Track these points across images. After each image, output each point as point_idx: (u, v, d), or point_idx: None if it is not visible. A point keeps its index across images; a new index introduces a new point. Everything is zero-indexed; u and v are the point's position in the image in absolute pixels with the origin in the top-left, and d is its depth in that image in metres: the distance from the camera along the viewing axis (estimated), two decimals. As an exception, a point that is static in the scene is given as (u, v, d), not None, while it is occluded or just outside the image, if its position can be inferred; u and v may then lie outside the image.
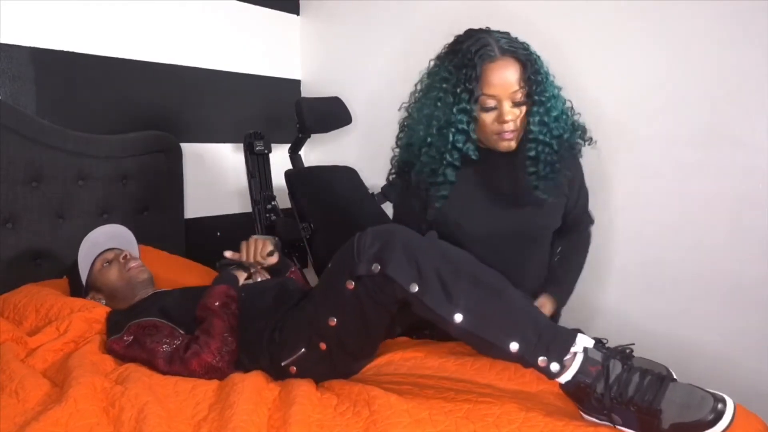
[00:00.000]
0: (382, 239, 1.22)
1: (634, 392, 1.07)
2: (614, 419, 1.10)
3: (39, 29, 1.91)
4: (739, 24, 1.82)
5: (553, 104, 1.48)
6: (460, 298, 1.17)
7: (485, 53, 1.42)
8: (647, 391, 1.07)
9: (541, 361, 1.13)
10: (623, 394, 1.08)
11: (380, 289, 1.22)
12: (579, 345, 1.14)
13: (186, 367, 1.36)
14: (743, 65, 1.82)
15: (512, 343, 1.15)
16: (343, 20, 2.70)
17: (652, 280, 2.01)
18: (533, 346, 1.14)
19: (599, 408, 1.10)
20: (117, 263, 1.69)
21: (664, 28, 1.93)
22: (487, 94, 1.42)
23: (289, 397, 1.21)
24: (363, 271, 1.21)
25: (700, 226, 1.92)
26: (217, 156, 2.49)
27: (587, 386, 1.11)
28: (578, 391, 1.13)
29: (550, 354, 1.13)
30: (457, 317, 1.16)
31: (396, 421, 1.11)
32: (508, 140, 1.47)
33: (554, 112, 1.48)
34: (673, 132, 1.94)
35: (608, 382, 1.09)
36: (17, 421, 1.11)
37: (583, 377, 1.12)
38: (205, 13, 2.40)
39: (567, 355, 1.13)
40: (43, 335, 1.46)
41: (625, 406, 1.07)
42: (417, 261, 1.19)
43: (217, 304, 1.46)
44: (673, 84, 1.93)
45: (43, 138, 1.86)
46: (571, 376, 1.12)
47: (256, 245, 1.65)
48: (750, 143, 1.83)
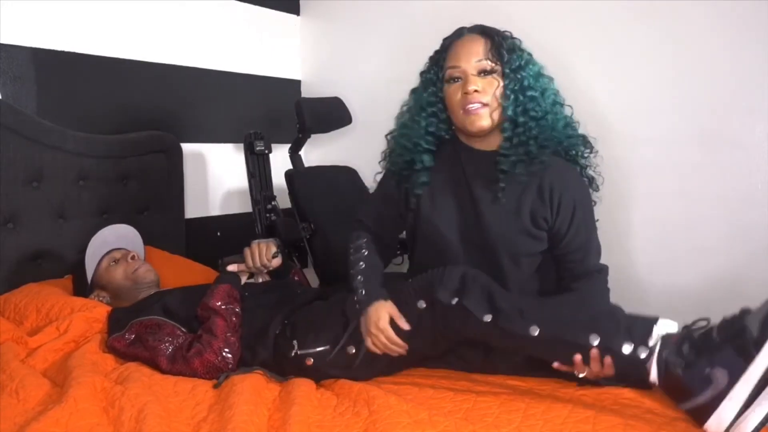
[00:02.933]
0: (465, 278, 1.30)
1: (717, 334, 1.10)
2: (717, 376, 1.07)
3: (39, 29, 1.91)
4: (739, 24, 1.82)
5: (529, 82, 1.39)
6: (531, 314, 1.23)
7: (455, 34, 1.46)
8: (727, 327, 1.10)
9: (627, 348, 1.14)
10: (711, 338, 1.09)
11: (448, 317, 1.29)
12: (661, 327, 1.15)
13: (189, 366, 1.36)
14: (743, 65, 1.82)
15: (591, 335, 1.16)
16: (343, 20, 2.70)
17: (652, 280, 2.01)
18: (614, 335, 1.15)
19: (696, 376, 1.08)
20: (124, 262, 1.70)
21: (664, 29, 1.93)
22: (452, 66, 1.41)
23: (289, 397, 1.21)
24: (443, 299, 1.28)
25: (700, 226, 1.92)
26: (217, 156, 2.49)
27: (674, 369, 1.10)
28: (670, 380, 1.11)
29: (634, 338, 1.14)
30: (533, 330, 1.20)
31: (395, 421, 1.11)
32: (477, 115, 1.37)
33: (530, 91, 1.38)
34: (673, 132, 1.94)
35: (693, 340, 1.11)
36: (17, 421, 1.11)
37: (672, 354, 1.11)
38: (205, 13, 2.40)
39: (651, 339, 1.13)
40: (43, 335, 1.47)
41: (717, 349, 1.08)
42: (491, 298, 1.27)
43: (220, 303, 1.47)
44: (673, 84, 1.93)
45: (43, 138, 1.86)
46: (657, 358, 1.12)
47: (260, 249, 1.65)
48: (750, 143, 1.82)
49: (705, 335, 1.12)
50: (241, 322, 1.48)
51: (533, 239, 1.42)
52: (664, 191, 1.97)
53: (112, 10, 2.09)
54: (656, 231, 2.00)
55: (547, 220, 1.41)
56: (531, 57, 1.44)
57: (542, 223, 1.41)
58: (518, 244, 1.42)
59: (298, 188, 2.22)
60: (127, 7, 2.13)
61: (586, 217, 1.45)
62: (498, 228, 1.41)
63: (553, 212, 1.41)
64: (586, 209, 1.45)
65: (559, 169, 1.42)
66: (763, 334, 1.06)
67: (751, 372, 1.05)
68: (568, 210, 1.41)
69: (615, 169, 2.03)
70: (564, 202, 1.40)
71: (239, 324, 1.47)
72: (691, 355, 1.10)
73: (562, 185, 1.40)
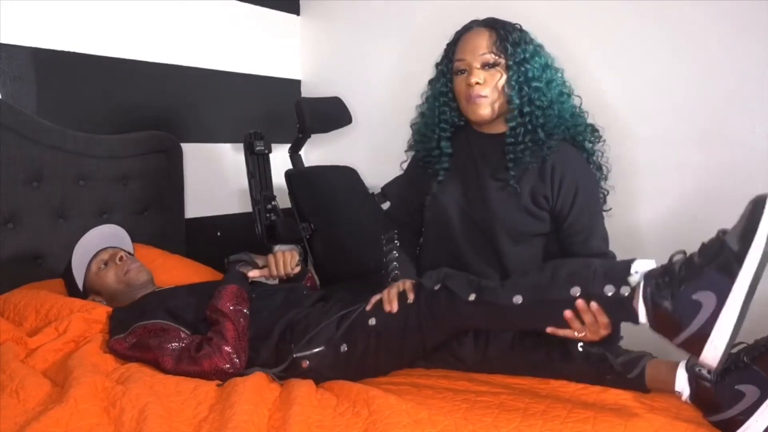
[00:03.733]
0: (448, 272, 1.36)
1: (698, 259, 1.10)
2: (704, 300, 1.06)
3: (39, 29, 1.91)
4: (739, 24, 1.82)
5: (534, 73, 1.45)
6: (512, 286, 1.27)
7: (465, 27, 1.53)
8: (706, 250, 1.10)
9: (608, 289, 1.15)
10: (692, 264, 1.10)
11: (434, 305, 1.33)
12: (639, 265, 1.16)
13: (197, 366, 1.36)
14: (743, 65, 1.82)
15: (572, 288, 1.18)
16: (343, 20, 2.70)
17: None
18: (593, 281, 1.17)
19: (683, 305, 1.07)
20: (114, 265, 1.67)
21: (665, 28, 1.93)
22: (458, 59, 1.48)
23: (289, 397, 1.21)
24: (427, 284, 1.34)
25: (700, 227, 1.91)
26: (217, 156, 2.49)
27: (662, 291, 1.10)
28: (658, 315, 1.11)
29: (613, 279, 1.16)
30: (517, 298, 1.24)
31: (395, 421, 1.11)
32: (478, 104, 1.45)
33: (535, 82, 1.45)
34: (673, 132, 1.94)
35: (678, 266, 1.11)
36: (18, 421, 1.11)
37: (656, 288, 1.11)
38: (205, 13, 2.40)
39: (630, 276, 1.15)
40: (43, 336, 1.46)
41: (699, 272, 1.08)
42: (473, 282, 1.32)
43: (230, 305, 1.46)
44: (674, 84, 1.93)
45: (43, 138, 1.86)
46: (642, 303, 1.12)
47: (284, 258, 1.66)
48: (750, 143, 1.83)
49: (686, 263, 1.12)
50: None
51: (534, 218, 1.47)
52: (663, 191, 1.97)
53: (112, 10, 2.09)
54: (656, 231, 2.00)
55: (547, 198, 1.45)
56: (538, 49, 1.50)
57: (542, 201, 1.46)
58: (518, 222, 1.47)
59: (298, 188, 2.22)
60: (127, 7, 2.13)
61: (590, 201, 1.48)
62: (498, 205, 1.47)
63: (554, 192, 1.45)
64: (589, 194, 1.48)
65: (564, 153, 1.47)
66: (744, 246, 1.05)
67: (737, 287, 1.04)
68: (570, 191, 1.44)
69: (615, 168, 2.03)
70: (566, 182, 1.44)
71: (247, 326, 1.46)
72: (675, 284, 1.10)
73: (565, 166, 1.45)
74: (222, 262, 1.69)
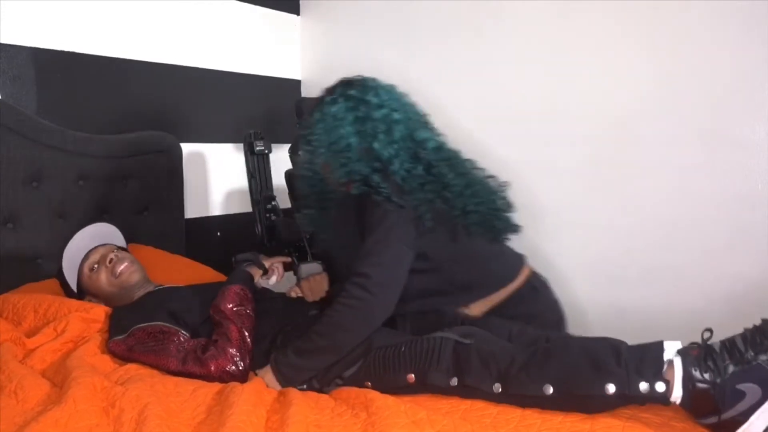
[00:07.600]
0: (457, 349, 1.25)
1: (743, 345, 1.07)
2: (749, 390, 1.05)
3: (39, 29, 1.91)
4: (739, 24, 1.81)
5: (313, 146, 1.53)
6: (536, 372, 1.17)
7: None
8: (751, 339, 1.07)
9: (643, 387, 1.10)
10: (736, 354, 1.07)
11: (450, 393, 1.24)
12: (669, 351, 1.12)
13: (203, 368, 1.35)
14: (743, 65, 1.82)
15: (607, 385, 1.11)
16: (343, 20, 2.69)
17: (651, 280, 2.01)
18: (626, 377, 1.11)
19: (727, 391, 1.06)
20: (104, 267, 1.64)
21: (665, 28, 1.93)
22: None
23: (287, 399, 1.21)
24: (441, 383, 1.23)
25: (700, 227, 1.92)
26: (217, 156, 2.49)
27: (702, 384, 1.07)
28: (698, 397, 1.08)
29: (647, 375, 1.10)
30: (547, 389, 1.15)
31: (394, 421, 1.11)
32: None
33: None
34: (673, 132, 1.94)
35: (715, 357, 1.08)
36: (17, 422, 1.11)
37: (693, 380, 1.08)
38: (205, 13, 2.40)
39: (664, 367, 1.10)
40: (41, 336, 1.46)
41: (747, 364, 1.06)
42: (489, 362, 1.21)
43: (232, 306, 1.46)
44: (673, 84, 1.93)
45: (43, 138, 1.86)
46: (681, 387, 1.08)
47: (317, 284, 1.69)
48: (750, 143, 1.82)
49: (728, 349, 1.09)
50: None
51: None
52: (663, 191, 1.97)
53: (112, 10, 2.09)
54: (656, 231, 1.99)
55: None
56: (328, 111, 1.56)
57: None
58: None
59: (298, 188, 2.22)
60: (127, 7, 2.13)
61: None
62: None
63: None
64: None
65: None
66: None
67: None
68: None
69: (615, 168, 2.04)
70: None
71: (252, 326, 1.46)
72: (720, 371, 1.07)
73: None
74: (222, 263, 1.70)
